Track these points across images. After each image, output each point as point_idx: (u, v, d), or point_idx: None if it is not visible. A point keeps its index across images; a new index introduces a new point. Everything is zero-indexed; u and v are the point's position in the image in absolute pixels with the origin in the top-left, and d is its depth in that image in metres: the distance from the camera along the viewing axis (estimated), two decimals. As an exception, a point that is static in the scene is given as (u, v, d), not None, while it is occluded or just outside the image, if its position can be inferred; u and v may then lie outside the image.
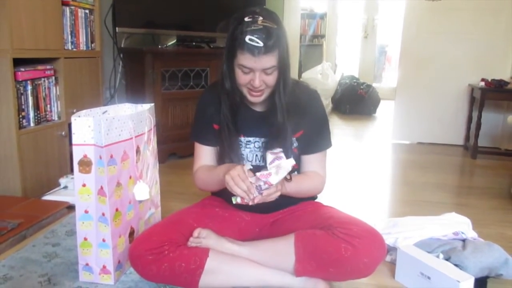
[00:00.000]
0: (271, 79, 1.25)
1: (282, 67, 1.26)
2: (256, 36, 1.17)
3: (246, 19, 1.20)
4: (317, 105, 1.42)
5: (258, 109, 1.39)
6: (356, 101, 5.46)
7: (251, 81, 1.24)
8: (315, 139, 1.40)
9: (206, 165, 1.43)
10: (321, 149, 1.42)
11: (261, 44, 1.17)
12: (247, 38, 1.17)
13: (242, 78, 1.25)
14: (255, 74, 1.22)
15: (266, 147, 1.35)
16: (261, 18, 1.20)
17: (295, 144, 1.38)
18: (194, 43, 3.12)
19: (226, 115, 1.34)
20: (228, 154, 1.35)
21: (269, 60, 1.21)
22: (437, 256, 1.41)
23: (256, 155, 1.38)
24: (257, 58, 1.19)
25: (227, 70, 1.29)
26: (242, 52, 1.20)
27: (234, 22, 1.23)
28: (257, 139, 1.37)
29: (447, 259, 1.41)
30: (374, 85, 5.92)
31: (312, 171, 1.41)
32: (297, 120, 1.35)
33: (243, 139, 1.37)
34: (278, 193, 1.22)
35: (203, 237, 1.29)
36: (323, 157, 1.45)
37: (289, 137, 1.34)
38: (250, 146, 1.37)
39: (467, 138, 3.60)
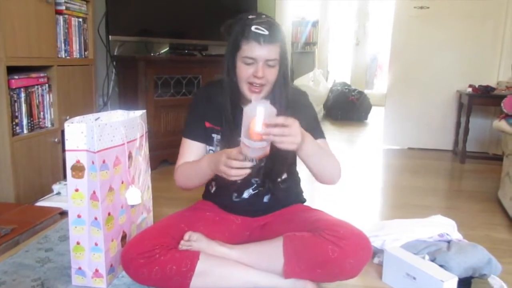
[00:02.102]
0: (273, 72, 1.29)
1: (283, 63, 1.31)
2: (261, 25, 1.24)
3: (250, 16, 1.28)
4: (307, 103, 1.48)
5: None
6: (348, 107, 5.52)
7: (253, 74, 1.26)
8: (311, 132, 1.42)
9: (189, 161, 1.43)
10: (318, 138, 1.40)
11: (266, 32, 1.24)
12: (253, 28, 1.24)
13: (244, 71, 1.28)
14: (258, 65, 1.26)
15: None
16: (264, 15, 1.30)
17: None
18: (186, 51, 3.16)
19: (229, 115, 1.36)
20: None
21: (273, 50, 1.26)
22: (423, 257, 1.44)
23: None
24: (262, 46, 1.24)
25: (229, 66, 1.31)
26: (248, 41, 1.24)
27: (238, 22, 1.30)
28: None
29: (433, 260, 1.44)
30: (366, 91, 5.99)
31: None
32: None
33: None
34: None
35: (193, 240, 1.31)
36: (328, 146, 1.44)
37: None
38: None
39: (456, 143, 3.65)
